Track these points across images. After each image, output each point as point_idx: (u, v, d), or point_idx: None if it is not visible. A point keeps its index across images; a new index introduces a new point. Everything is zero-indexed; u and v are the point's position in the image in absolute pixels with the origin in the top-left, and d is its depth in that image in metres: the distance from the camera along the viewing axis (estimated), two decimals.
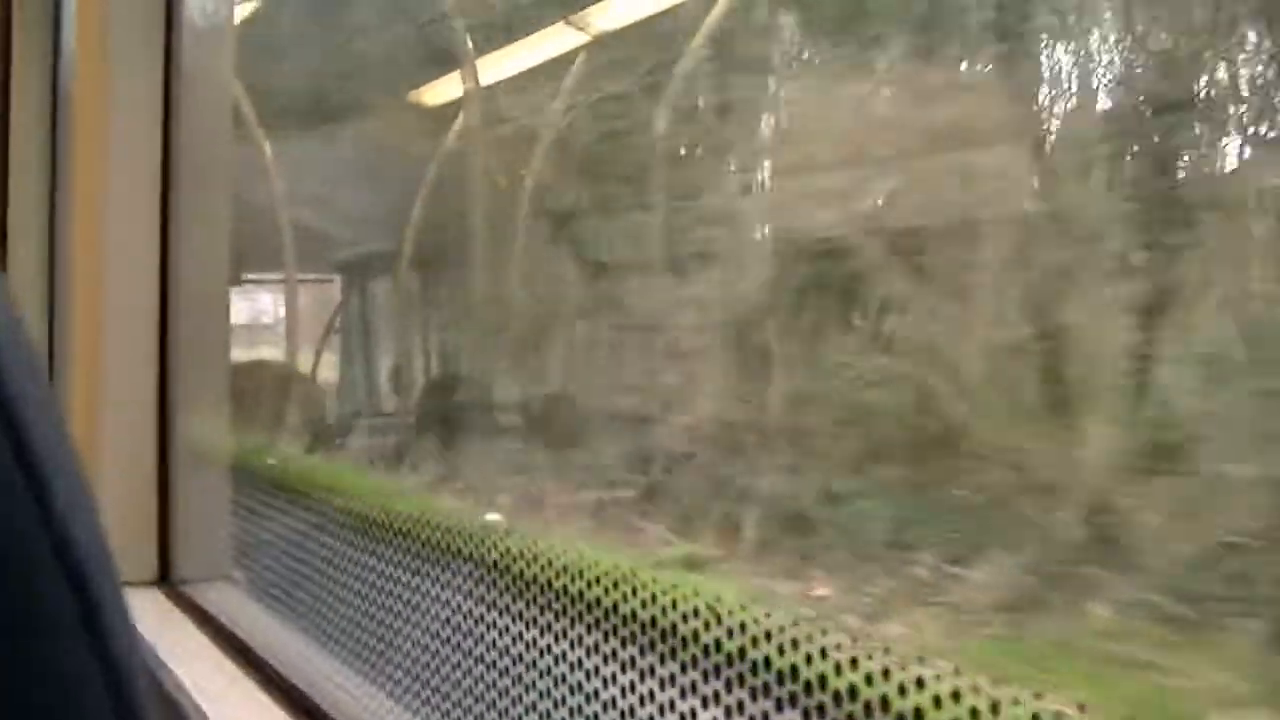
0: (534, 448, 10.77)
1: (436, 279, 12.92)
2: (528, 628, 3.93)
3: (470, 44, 9.56)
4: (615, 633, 2.87)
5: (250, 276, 14.73)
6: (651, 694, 2.61)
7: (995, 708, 1.98)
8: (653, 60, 9.64)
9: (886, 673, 2.12)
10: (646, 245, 10.13)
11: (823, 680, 2.17)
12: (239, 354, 14.07)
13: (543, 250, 10.96)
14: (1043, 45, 4.74)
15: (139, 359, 1.71)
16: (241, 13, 10.48)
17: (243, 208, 11.54)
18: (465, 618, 4.17)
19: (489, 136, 10.70)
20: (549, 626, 3.87)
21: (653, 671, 2.60)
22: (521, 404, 11.16)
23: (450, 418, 12.16)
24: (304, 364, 14.67)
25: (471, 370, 12.46)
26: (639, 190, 10.20)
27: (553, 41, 9.70)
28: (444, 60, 10.14)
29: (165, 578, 1.94)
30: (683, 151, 9.79)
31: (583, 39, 9.63)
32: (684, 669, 2.58)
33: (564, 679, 3.16)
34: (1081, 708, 2.22)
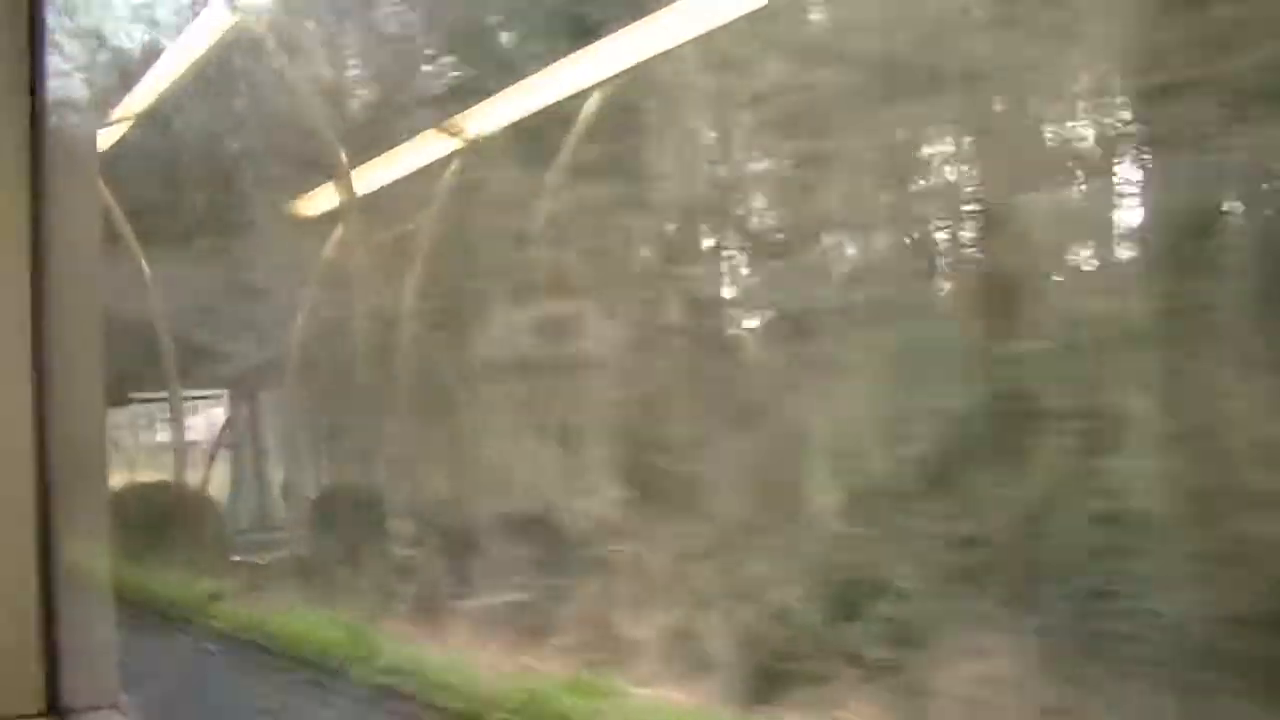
0: (426, 554, 10.67)
1: (322, 389, 12.79)
2: None
3: (344, 154, 9.56)
4: None
5: (137, 395, 14.52)
6: None
7: None
8: (526, 161, 9.72)
9: None
10: (519, 342, 10.16)
11: None
12: (130, 474, 13.85)
13: (425, 354, 10.92)
14: None
15: (15, 482, 1.71)
16: (114, 131, 10.44)
17: (126, 325, 11.43)
18: None
19: (367, 245, 10.68)
20: None
21: None
22: (412, 510, 11.05)
23: (342, 528, 12.01)
24: (194, 480, 14.45)
25: (361, 478, 12.33)
26: (511, 288, 10.25)
27: (425, 148, 9.73)
28: (321, 169, 10.14)
29: (53, 707, 1.92)
30: (552, 250, 9.83)
31: (455, 144, 9.66)
32: None
33: None
34: None
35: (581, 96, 8.64)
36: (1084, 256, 6.92)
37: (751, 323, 8.67)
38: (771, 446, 7.53)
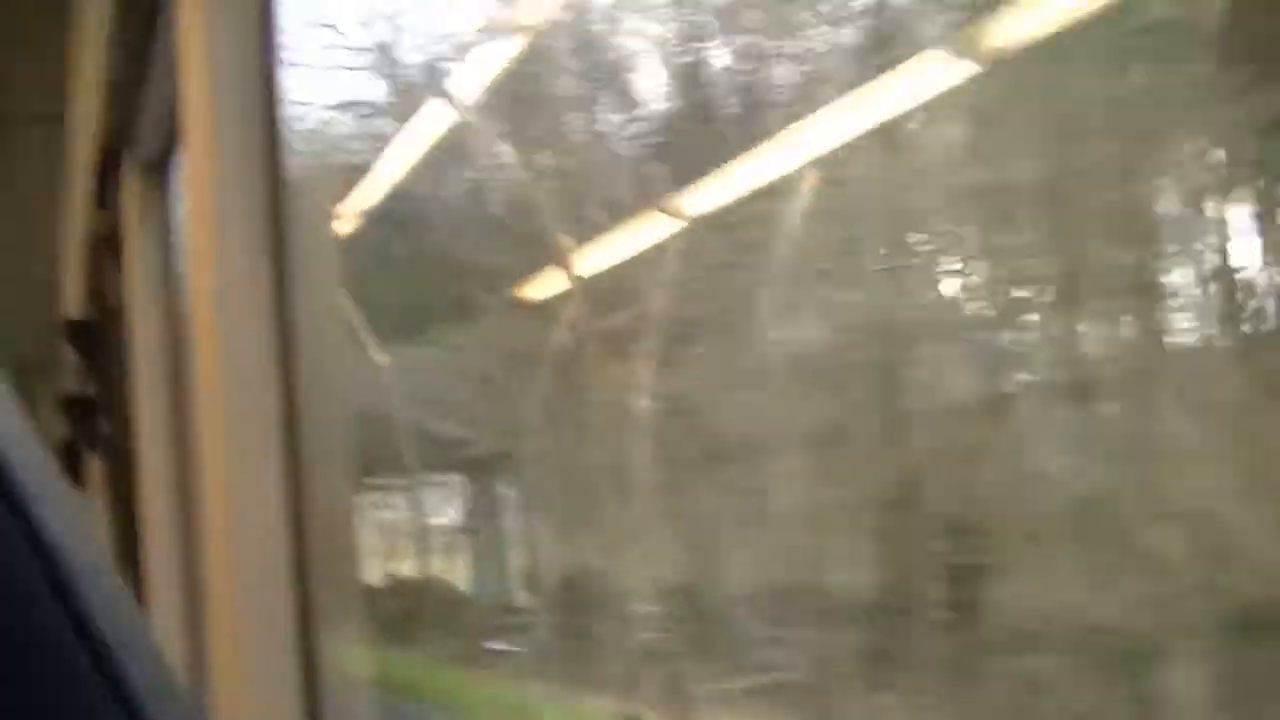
0: (672, 637, 10.70)
1: (558, 472, 13.00)
2: None
3: (567, 239, 9.75)
4: None
5: (375, 482, 14.92)
6: None
7: None
8: (748, 242, 9.77)
9: None
10: (760, 426, 10.16)
11: None
12: (376, 564, 14.19)
13: (660, 440, 11.01)
14: None
15: (272, 578, 1.74)
16: (341, 226, 10.78)
17: (361, 414, 11.74)
18: None
19: (594, 328, 10.85)
20: None
21: None
22: (654, 594, 11.12)
23: (584, 612, 12.14)
24: (436, 566, 14.76)
25: (601, 563, 12.45)
26: (747, 375, 10.27)
27: (646, 230, 9.86)
28: (545, 255, 10.34)
29: None
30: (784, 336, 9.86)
31: (677, 225, 9.78)
32: None
33: None
34: None
35: (809, 171, 8.65)
36: None
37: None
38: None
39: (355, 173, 8.80)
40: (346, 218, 11.40)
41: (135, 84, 2.92)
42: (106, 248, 3.87)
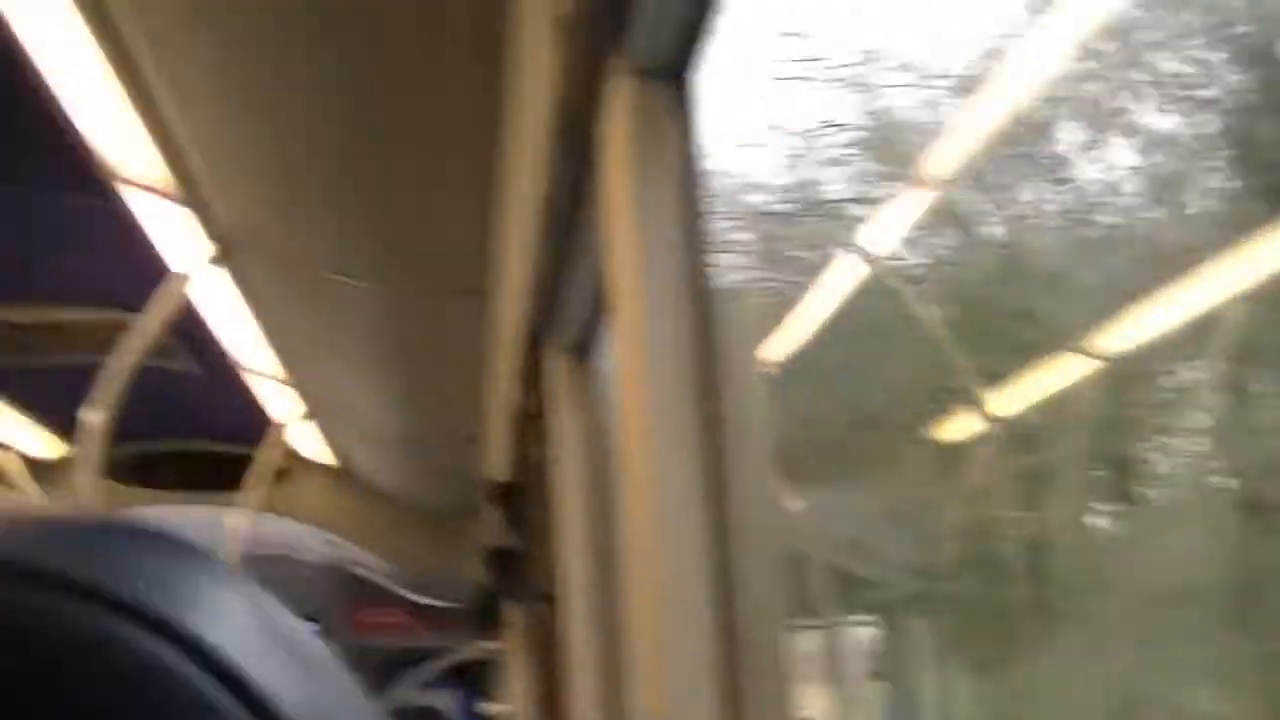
0: None
1: (973, 615, 12.70)
2: None
3: (978, 384, 9.54)
4: None
5: (794, 623, 14.86)
6: None
7: None
8: (1168, 384, 9.41)
9: None
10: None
11: None
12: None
13: (1079, 583, 10.65)
14: None
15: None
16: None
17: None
18: None
19: (1007, 471, 10.58)
20: None
21: None
22: None
23: None
24: (851, 708, 14.57)
25: (1021, 710, 12.08)
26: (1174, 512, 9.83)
27: (1060, 371, 9.56)
28: (957, 399, 10.17)
29: None
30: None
31: (1091, 365, 9.45)
32: None
33: None
34: None
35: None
36: None
37: None
38: None
39: (770, 324, 8.88)
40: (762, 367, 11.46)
41: (559, 273, 2.97)
42: (529, 419, 3.99)
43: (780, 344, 9.12)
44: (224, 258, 5.12)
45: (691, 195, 2.01)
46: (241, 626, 0.49)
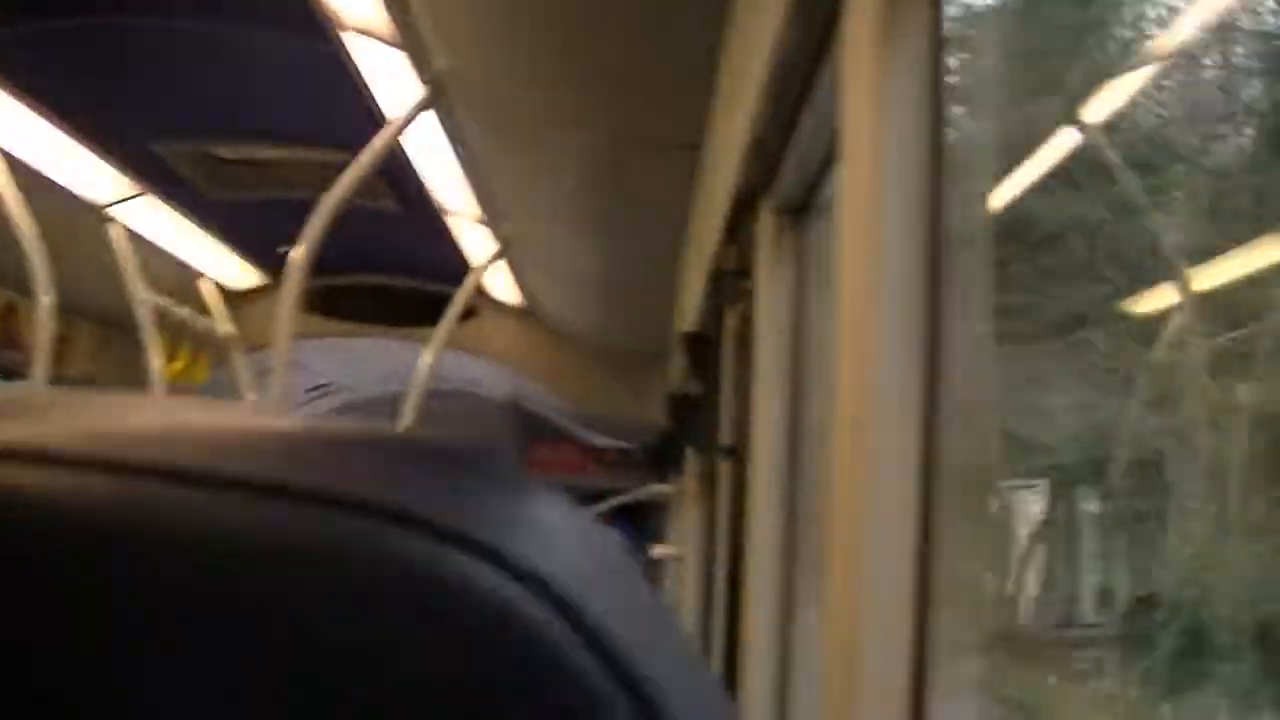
0: (1250, 669, 10.17)
1: (1145, 491, 12.54)
2: None
3: (1182, 256, 9.34)
4: None
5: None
6: None
7: None
8: None
9: None
10: None
11: None
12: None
13: (1260, 462, 10.46)
14: None
15: (894, 581, 1.74)
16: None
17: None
18: None
19: (1201, 345, 10.38)
20: None
21: None
22: (1235, 623, 10.58)
23: (1157, 632, 11.70)
24: (1014, 570, 14.55)
25: (1183, 589, 11.96)
26: None
27: (1266, 248, 9.32)
28: (1156, 270, 9.97)
29: None
30: None
31: None
32: None
33: None
34: None
35: None
36: None
37: None
38: None
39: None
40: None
41: (782, 133, 2.97)
42: (729, 275, 4.02)
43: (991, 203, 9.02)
44: (435, 100, 5.18)
45: (937, 51, 2.00)
46: (574, 556, 0.48)
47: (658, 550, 9.36)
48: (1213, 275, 10.00)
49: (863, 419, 1.98)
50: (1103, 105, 8.36)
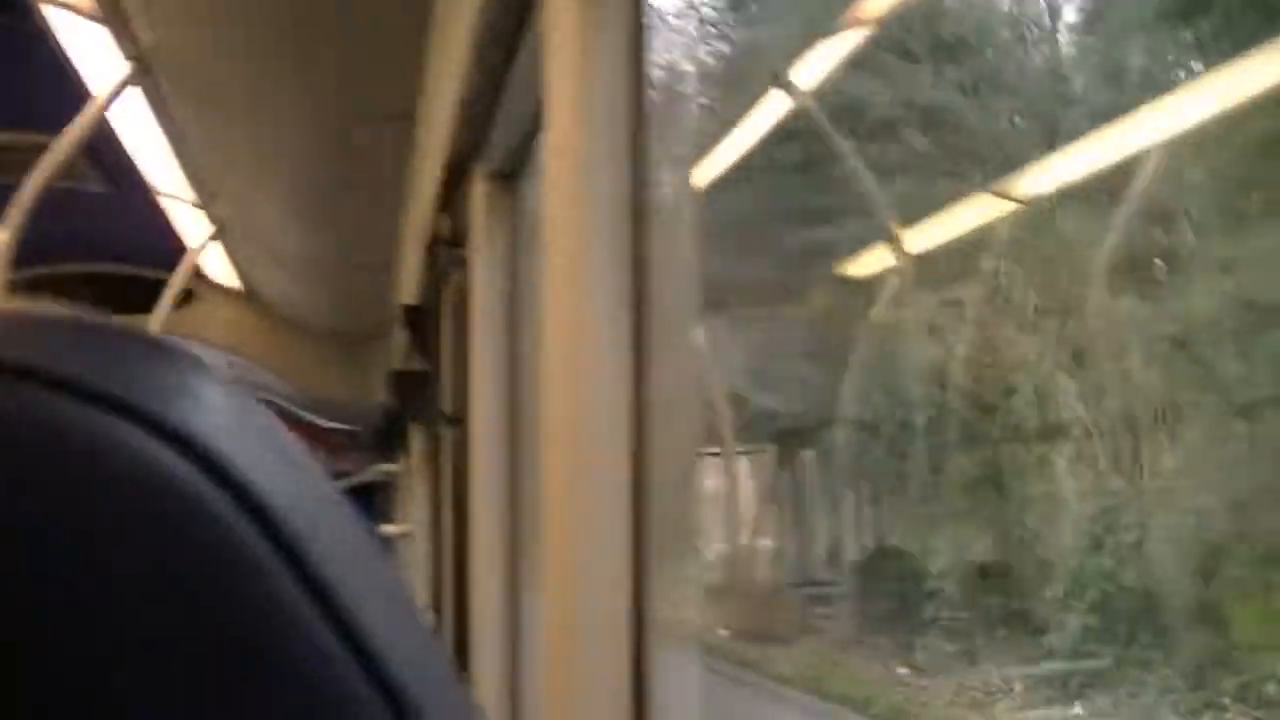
0: (979, 622, 10.56)
1: (868, 449, 12.88)
2: None
3: (894, 220, 9.60)
4: None
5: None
6: None
7: None
8: (1082, 225, 9.51)
9: None
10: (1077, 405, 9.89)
11: None
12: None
13: (975, 417, 10.84)
14: None
15: (610, 541, 1.76)
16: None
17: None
18: None
19: (916, 307, 10.69)
20: None
21: None
22: (960, 573, 10.96)
23: (889, 591, 12.06)
24: (744, 533, 14.83)
25: (909, 540, 12.34)
26: (1067, 352, 10.01)
27: (975, 211, 9.66)
28: (872, 234, 10.23)
29: None
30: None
31: (1006, 207, 9.55)
32: None
33: None
34: None
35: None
36: None
37: None
38: None
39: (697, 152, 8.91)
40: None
41: (490, 99, 2.97)
42: (445, 244, 4.01)
43: (704, 172, 9.14)
44: (141, 77, 5.04)
45: (637, 15, 2.02)
46: (234, 428, 0.48)
47: (387, 529, 9.30)
48: (925, 238, 10.34)
49: (573, 381, 1.99)
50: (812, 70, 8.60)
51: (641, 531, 1.88)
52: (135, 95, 5.31)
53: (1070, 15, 10.64)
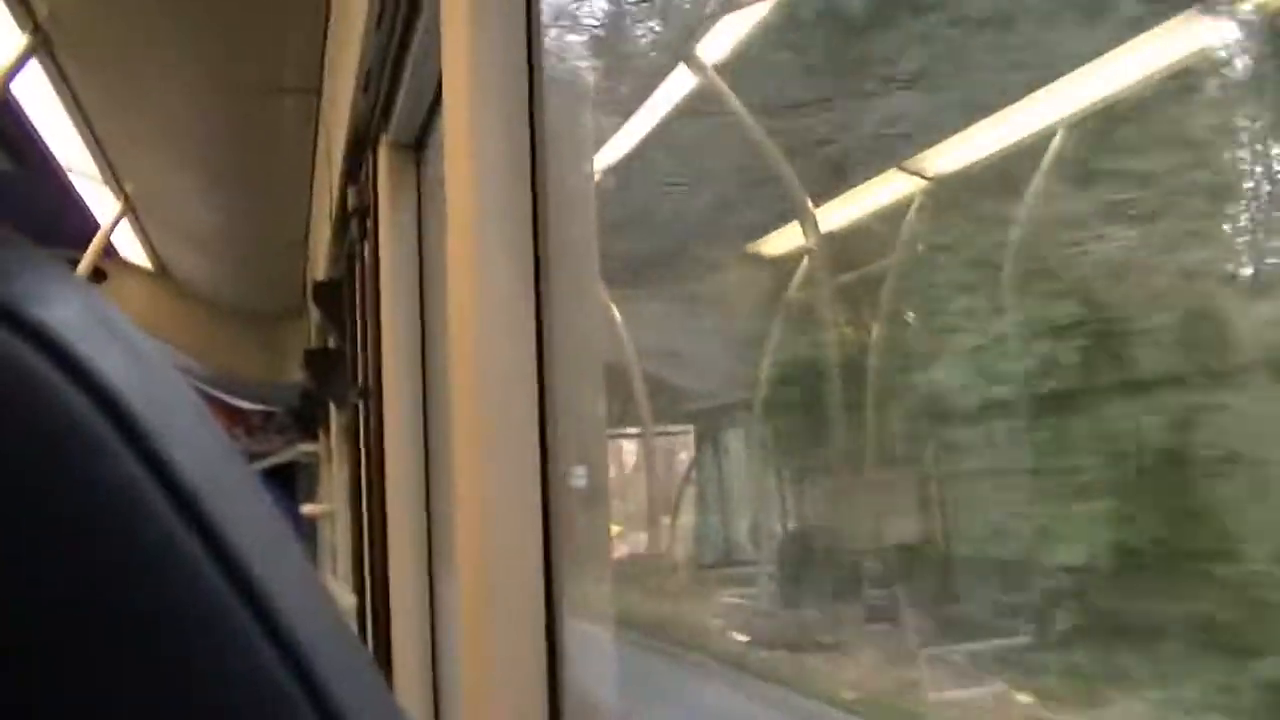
0: (897, 600, 10.64)
1: (787, 428, 12.96)
2: None
3: (806, 197, 9.67)
4: None
5: (610, 432, 15.06)
6: None
7: None
8: (991, 203, 9.60)
9: None
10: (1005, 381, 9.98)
11: None
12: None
13: (889, 395, 10.92)
14: None
15: (520, 526, 1.76)
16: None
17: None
18: None
19: (830, 285, 10.76)
20: None
21: None
22: (880, 552, 11.05)
23: (808, 569, 12.14)
24: (664, 515, 14.89)
25: (828, 519, 12.42)
26: (977, 330, 10.10)
27: (887, 188, 9.75)
28: (785, 212, 10.29)
29: None
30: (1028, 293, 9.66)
31: (917, 184, 9.64)
32: None
33: None
34: None
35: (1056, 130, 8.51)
36: None
37: None
38: None
39: (604, 130, 8.88)
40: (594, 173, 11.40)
41: (393, 68, 2.97)
42: (356, 218, 4.00)
43: (613, 151, 9.16)
44: (40, 49, 4.98)
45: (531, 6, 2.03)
46: (81, 317, 0.50)
47: (307, 509, 9.26)
48: (838, 215, 10.43)
49: (478, 351, 2.00)
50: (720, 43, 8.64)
51: (550, 505, 1.89)
52: (35, 69, 5.25)
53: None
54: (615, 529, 14.16)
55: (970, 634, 9.53)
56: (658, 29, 10.40)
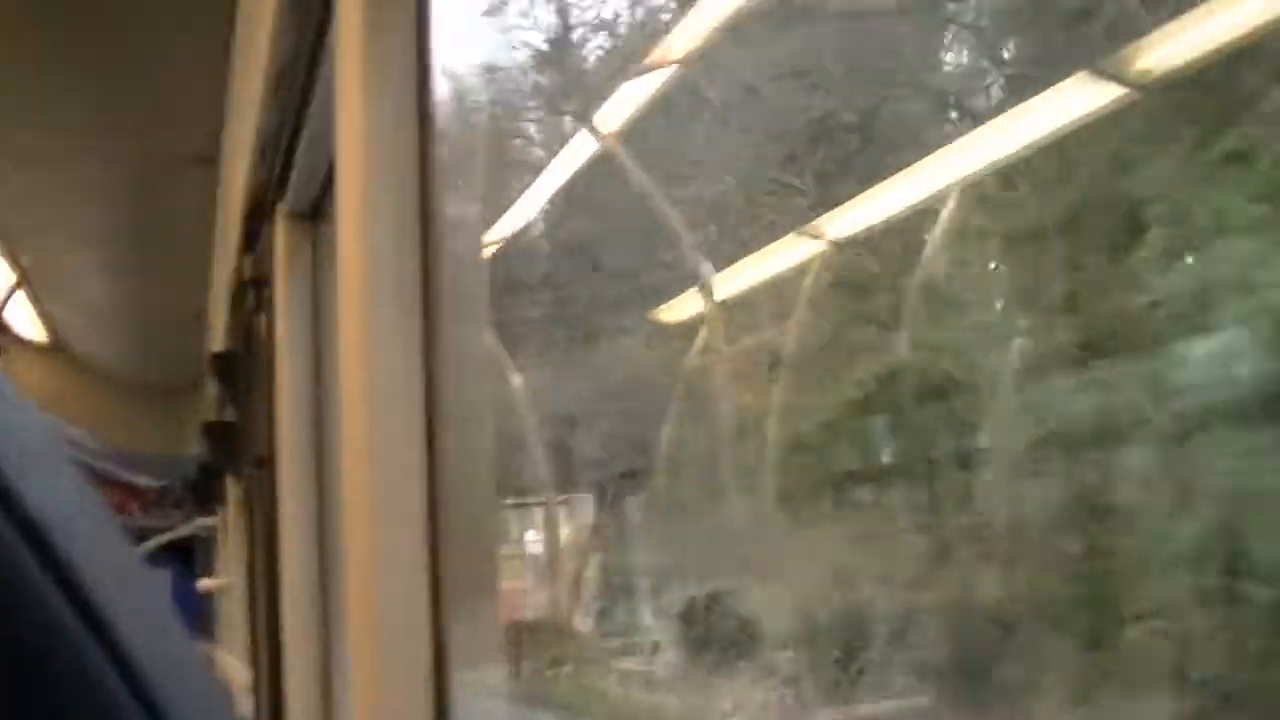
0: (800, 658, 10.68)
1: (688, 494, 12.99)
2: None
3: (704, 262, 9.74)
4: None
5: (511, 500, 15.01)
6: None
7: None
8: (892, 267, 9.72)
9: None
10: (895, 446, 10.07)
11: None
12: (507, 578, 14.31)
13: (793, 460, 10.98)
14: None
15: (414, 582, 1.76)
16: (485, 252, 10.89)
17: (498, 435, 11.82)
18: None
19: (730, 352, 10.83)
20: None
21: None
22: (781, 616, 11.08)
23: (708, 636, 12.14)
24: (566, 583, 14.82)
25: (732, 584, 12.42)
26: (881, 394, 10.19)
27: (787, 252, 9.82)
28: (683, 278, 10.34)
29: None
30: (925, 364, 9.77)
31: (817, 247, 9.73)
32: None
33: None
34: None
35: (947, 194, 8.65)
36: None
37: None
38: None
39: (503, 200, 8.92)
40: (490, 244, 11.47)
41: (289, 138, 2.97)
42: (253, 288, 3.98)
43: (510, 220, 9.19)
44: None
45: (424, 61, 2.05)
46: (21, 445, 0.51)
47: (204, 584, 9.14)
48: (732, 284, 10.50)
49: (367, 420, 2.01)
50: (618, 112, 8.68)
51: (439, 571, 1.90)
52: None
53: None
54: (515, 592, 14.11)
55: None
56: (559, 95, 10.47)
